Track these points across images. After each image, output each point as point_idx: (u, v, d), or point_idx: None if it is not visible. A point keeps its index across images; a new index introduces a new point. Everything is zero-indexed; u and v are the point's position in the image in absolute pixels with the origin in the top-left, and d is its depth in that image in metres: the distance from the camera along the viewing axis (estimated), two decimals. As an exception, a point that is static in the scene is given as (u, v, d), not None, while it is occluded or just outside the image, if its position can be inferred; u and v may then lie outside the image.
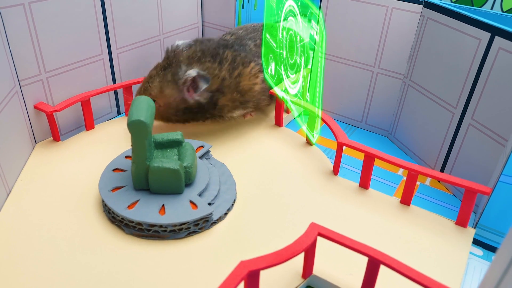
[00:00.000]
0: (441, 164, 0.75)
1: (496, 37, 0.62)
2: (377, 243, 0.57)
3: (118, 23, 0.85)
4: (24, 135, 0.72)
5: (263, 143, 0.80)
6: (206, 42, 0.79)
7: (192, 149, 0.65)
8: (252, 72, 0.78)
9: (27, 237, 0.58)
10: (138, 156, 0.60)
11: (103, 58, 0.84)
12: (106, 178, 0.64)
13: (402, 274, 0.46)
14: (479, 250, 0.63)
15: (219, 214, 0.62)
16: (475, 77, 0.66)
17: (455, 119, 0.71)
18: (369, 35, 0.82)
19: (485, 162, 0.66)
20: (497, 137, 0.64)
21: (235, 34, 0.88)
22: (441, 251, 0.59)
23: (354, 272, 0.55)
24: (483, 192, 0.60)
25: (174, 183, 0.60)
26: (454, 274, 0.56)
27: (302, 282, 0.54)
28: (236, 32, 0.89)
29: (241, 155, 0.76)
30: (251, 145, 0.80)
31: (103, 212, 0.62)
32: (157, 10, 0.92)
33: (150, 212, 0.58)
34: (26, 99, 0.73)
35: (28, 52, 0.71)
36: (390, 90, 0.84)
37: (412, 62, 0.79)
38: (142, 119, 0.57)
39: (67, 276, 0.53)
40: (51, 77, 0.76)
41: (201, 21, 1.06)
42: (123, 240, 0.58)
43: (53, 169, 0.70)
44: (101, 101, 0.87)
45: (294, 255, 0.47)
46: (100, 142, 0.78)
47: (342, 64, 0.88)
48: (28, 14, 0.69)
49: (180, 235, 0.58)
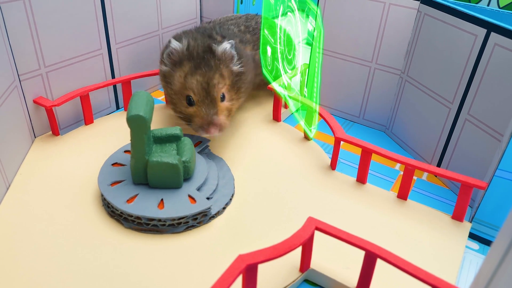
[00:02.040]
0: (438, 159, 0.75)
1: (492, 33, 0.63)
2: (374, 237, 0.58)
3: (117, 18, 0.85)
4: (24, 130, 0.72)
5: (261, 138, 0.81)
6: (195, 33, 0.80)
7: (191, 144, 0.65)
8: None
9: (27, 230, 0.58)
10: (137, 151, 0.60)
11: (102, 53, 0.85)
12: (105, 172, 0.64)
13: (399, 267, 0.47)
14: (475, 244, 0.63)
15: (218, 208, 0.62)
16: (471, 73, 0.67)
17: (451, 114, 0.71)
18: (367, 30, 0.83)
19: (481, 157, 0.67)
20: (493, 132, 0.64)
21: (213, 22, 0.91)
22: (437, 245, 0.60)
23: (351, 266, 0.55)
24: (479, 186, 0.60)
25: (173, 178, 0.61)
26: (450, 268, 0.57)
27: (299, 276, 0.54)
28: (214, 20, 0.92)
29: (239, 150, 0.77)
30: (249, 140, 0.80)
31: (102, 206, 0.63)
32: (156, 5, 0.93)
33: (149, 206, 0.59)
34: (25, 94, 0.73)
35: (28, 46, 0.72)
36: (387, 85, 0.85)
37: (409, 57, 0.79)
38: (141, 113, 0.57)
39: (66, 269, 0.53)
40: (50, 71, 0.76)
41: (199, 17, 1.06)
42: (122, 234, 0.59)
43: (52, 163, 0.71)
44: (100, 96, 0.87)
45: (292, 249, 0.48)
46: (99, 137, 0.79)
47: (339, 60, 0.88)
48: (28, 8, 0.69)
49: (178, 229, 0.59)
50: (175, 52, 0.74)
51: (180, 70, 0.73)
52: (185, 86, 0.71)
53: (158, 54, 0.97)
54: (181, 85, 0.72)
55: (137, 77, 0.87)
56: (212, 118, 0.70)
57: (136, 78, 0.86)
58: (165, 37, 0.98)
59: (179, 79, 0.73)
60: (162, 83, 0.78)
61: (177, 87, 0.73)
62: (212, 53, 0.73)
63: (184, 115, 0.73)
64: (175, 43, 0.74)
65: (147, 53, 0.95)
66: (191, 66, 0.72)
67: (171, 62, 0.74)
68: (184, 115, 0.73)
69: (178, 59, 0.74)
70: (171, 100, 0.75)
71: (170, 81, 0.74)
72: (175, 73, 0.73)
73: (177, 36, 0.81)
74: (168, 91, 0.76)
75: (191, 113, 0.72)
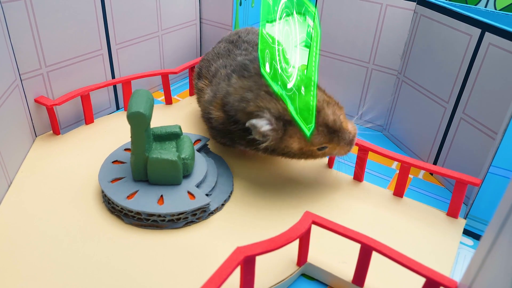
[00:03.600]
0: (434, 158, 0.76)
1: (487, 33, 0.64)
2: (370, 233, 0.58)
3: (117, 19, 0.86)
4: (25, 128, 0.73)
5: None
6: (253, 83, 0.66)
7: (190, 142, 0.66)
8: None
9: (28, 227, 0.59)
10: (137, 148, 0.61)
11: (103, 54, 0.86)
12: (106, 169, 0.65)
13: (393, 259, 0.48)
14: (469, 240, 0.64)
15: (216, 204, 0.63)
16: (466, 72, 0.68)
17: (447, 113, 0.72)
18: (364, 31, 0.84)
19: (476, 155, 0.68)
20: (487, 130, 0.65)
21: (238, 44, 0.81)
22: (433, 241, 0.61)
23: (347, 261, 0.56)
24: (473, 183, 0.61)
25: (172, 174, 0.62)
26: (445, 263, 0.57)
27: (297, 270, 0.55)
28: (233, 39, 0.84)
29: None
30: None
31: (102, 203, 0.64)
32: (156, 6, 0.94)
33: (149, 202, 0.60)
34: (26, 93, 0.74)
35: (29, 46, 0.73)
36: (385, 86, 0.86)
37: (406, 58, 0.80)
38: (142, 110, 0.58)
39: (68, 264, 0.54)
40: (51, 71, 0.77)
41: (199, 18, 1.07)
42: (123, 230, 0.59)
43: (53, 161, 0.72)
44: (101, 96, 0.88)
45: (289, 242, 0.49)
46: (100, 136, 0.80)
47: (337, 60, 0.89)
48: (29, 8, 0.70)
49: (178, 225, 0.60)
50: (272, 132, 0.61)
51: (291, 138, 0.62)
52: (312, 144, 0.62)
53: (158, 55, 0.98)
54: (304, 144, 0.62)
55: (138, 77, 0.88)
56: (351, 140, 0.64)
57: (136, 78, 0.87)
58: (165, 38, 0.99)
59: (296, 143, 0.62)
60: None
61: (296, 148, 0.63)
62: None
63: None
64: (265, 126, 0.60)
65: (147, 54, 0.96)
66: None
67: (274, 139, 0.62)
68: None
69: (278, 132, 0.61)
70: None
71: (278, 146, 0.63)
72: (286, 141, 0.62)
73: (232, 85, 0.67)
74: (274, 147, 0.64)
75: (326, 153, 0.64)
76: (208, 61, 0.81)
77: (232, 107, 0.65)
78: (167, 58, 1.02)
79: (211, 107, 0.69)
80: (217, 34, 1.06)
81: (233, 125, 0.66)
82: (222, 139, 0.71)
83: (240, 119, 0.64)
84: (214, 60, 0.79)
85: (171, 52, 1.02)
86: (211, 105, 0.69)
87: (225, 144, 0.73)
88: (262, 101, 0.62)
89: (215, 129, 0.70)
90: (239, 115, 0.64)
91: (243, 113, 0.63)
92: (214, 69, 0.76)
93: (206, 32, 1.09)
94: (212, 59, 0.79)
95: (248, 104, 0.63)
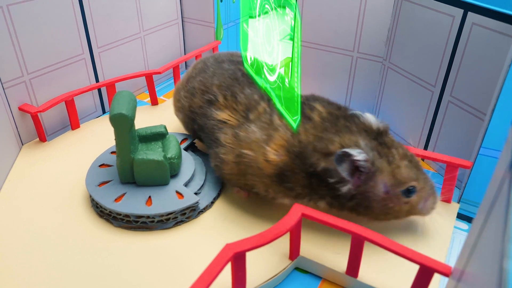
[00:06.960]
0: (424, 143, 0.76)
1: (469, 12, 0.63)
2: (362, 222, 0.58)
3: (98, 22, 0.85)
4: (10, 137, 0.72)
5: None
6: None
7: (176, 141, 0.66)
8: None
9: (17, 234, 0.58)
10: (122, 149, 0.60)
11: (85, 58, 0.85)
12: (93, 173, 0.65)
13: (386, 248, 0.47)
14: (464, 224, 0.64)
15: (206, 203, 0.63)
16: (451, 54, 0.67)
17: (434, 97, 0.72)
18: (346, 19, 0.83)
19: (466, 137, 0.67)
20: (476, 112, 0.65)
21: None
22: (426, 227, 0.60)
23: (340, 252, 0.55)
24: (464, 166, 0.61)
25: (159, 175, 0.61)
26: (440, 248, 0.57)
27: (289, 264, 0.54)
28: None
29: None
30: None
31: (91, 207, 0.63)
32: (136, 7, 0.93)
33: (137, 203, 0.59)
34: (10, 101, 0.73)
35: (10, 54, 0.72)
36: (370, 73, 0.85)
37: (390, 44, 0.80)
38: (124, 112, 0.57)
39: (58, 270, 0.53)
40: (34, 78, 0.76)
41: (181, 17, 1.06)
42: (112, 233, 0.59)
43: (41, 168, 0.71)
44: (86, 101, 0.87)
45: (279, 236, 0.48)
46: (86, 141, 0.79)
47: (322, 51, 0.88)
48: (7, 16, 0.69)
49: (167, 225, 0.59)
50: (367, 165, 0.53)
51: (382, 173, 0.54)
52: (402, 180, 0.55)
53: (141, 56, 0.97)
54: (394, 181, 0.55)
55: (121, 79, 0.87)
56: (433, 186, 0.58)
57: (120, 80, 0.86)
58: (147, 39, 0.98)
59: (387, 180, 0.54)
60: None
61: (381, 192, 0.55)
62: (378, 132, 0.59)
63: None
64: (360, 155, 0.52)
65: (130, 55, 0.95)
66: (388, 161, 0.55)
67: (366, 176, 0.54)
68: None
69: (374, 163, 0.54)
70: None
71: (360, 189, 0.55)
72: (379, 176, 0.54)
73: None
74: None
75: (412, 204, 0.56)
76: (225, 87, 0.67)
77: (306, 148, 0.56)
78: (151, 59, 1.01)
79: (268, 148, 0.58)
80: (200, 32, 1.05)
81: (308, 169, 0.56)
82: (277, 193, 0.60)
83: (317, 163, 0.55)
84: (233, 86, 0.66)
85: (154, 52, 1.01)
86: (267, 145, 0.58)
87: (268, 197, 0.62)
88: (345, 136, 0.55)
89: (269, 177, 0.58)
90: (316, 158, 0.55)
91: (321, 154, 0.55)
92: (244, 98, 0.64)
93: (188, 30, 1.08)
94: (231, 85, 0.66)
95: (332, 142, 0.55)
